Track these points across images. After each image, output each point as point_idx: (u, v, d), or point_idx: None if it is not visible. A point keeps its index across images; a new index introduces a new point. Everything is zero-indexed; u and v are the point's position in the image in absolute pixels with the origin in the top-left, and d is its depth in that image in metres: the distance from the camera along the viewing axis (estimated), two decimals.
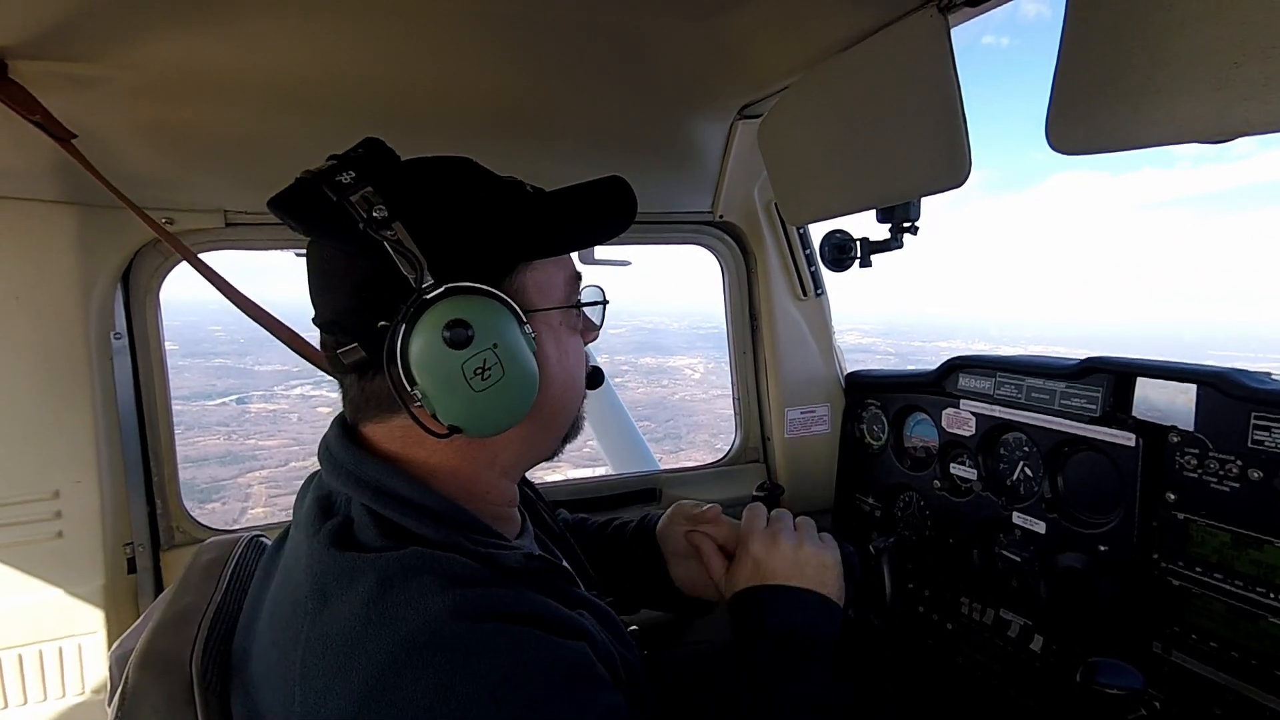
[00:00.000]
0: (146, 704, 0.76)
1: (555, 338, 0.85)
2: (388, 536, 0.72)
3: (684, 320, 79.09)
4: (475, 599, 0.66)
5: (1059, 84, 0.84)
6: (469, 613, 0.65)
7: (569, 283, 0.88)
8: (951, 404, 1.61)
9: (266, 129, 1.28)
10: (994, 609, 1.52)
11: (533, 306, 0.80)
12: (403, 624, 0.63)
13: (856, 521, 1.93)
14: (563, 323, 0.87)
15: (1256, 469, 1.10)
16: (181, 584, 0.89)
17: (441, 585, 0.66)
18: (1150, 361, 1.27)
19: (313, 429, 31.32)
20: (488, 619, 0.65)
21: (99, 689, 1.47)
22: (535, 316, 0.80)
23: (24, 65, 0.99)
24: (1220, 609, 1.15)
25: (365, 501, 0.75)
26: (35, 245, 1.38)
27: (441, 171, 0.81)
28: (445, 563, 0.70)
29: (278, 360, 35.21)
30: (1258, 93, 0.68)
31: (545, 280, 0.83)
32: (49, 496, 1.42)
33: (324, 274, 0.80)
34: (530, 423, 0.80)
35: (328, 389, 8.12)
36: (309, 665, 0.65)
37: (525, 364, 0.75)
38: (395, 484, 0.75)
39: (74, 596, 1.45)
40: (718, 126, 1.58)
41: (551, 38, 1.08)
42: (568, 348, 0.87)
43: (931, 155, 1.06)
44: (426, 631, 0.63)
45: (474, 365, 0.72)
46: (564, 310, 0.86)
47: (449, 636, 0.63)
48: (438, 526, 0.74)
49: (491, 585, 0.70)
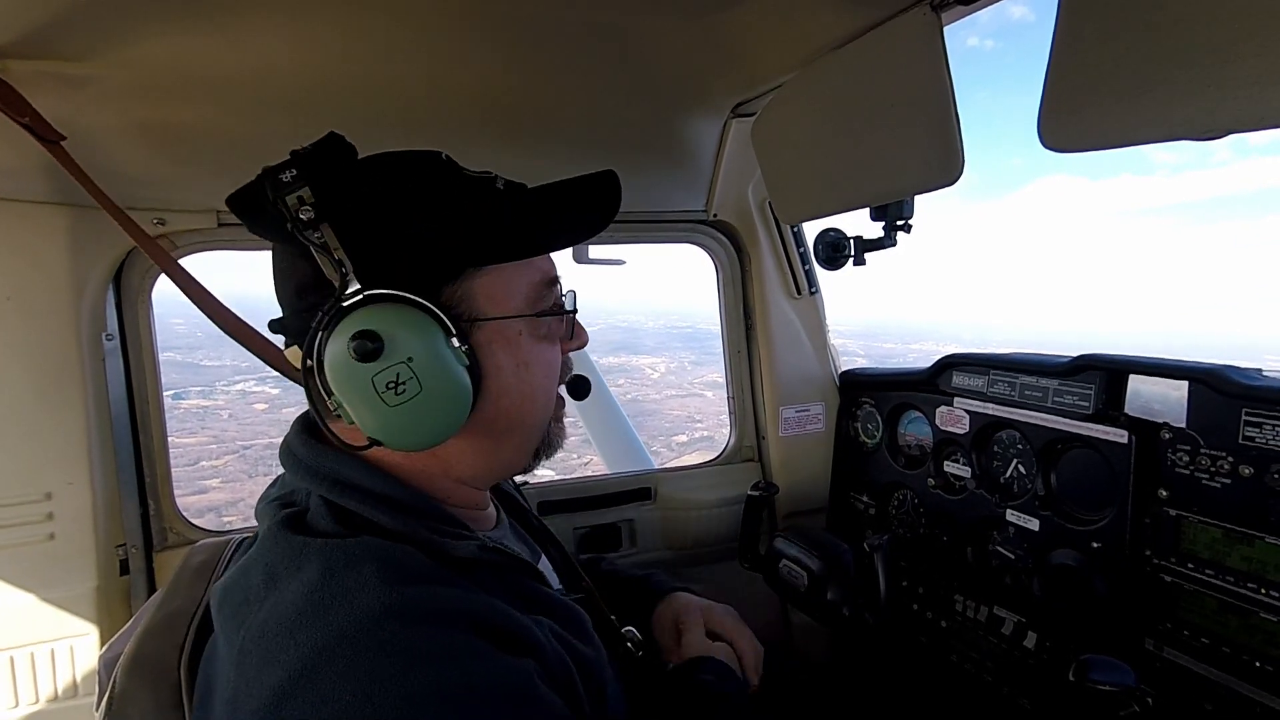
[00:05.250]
0: (135, 709, 0.75)
1: (511, 348, 0.80)
2: (340, 524, 0.71)
3: (660, 320, 79.26)
4: (415, 598, 0.63)
5: (1051, 81, 0.85)
6: (405, 613, 0.62)
7: (536, 289, 0.82)
8: (945, 402, 1.62)
9: (259, 128, 1.28)
10: (988, 606, 1.52)
11: (481, 315, 0.77)
12: (336, 615, 0.61)
13: (851, 520, 1.93)
14: (526, 331, 0.81)
15: (1248, 465, 1.11)
16: (171, 587, 0.89)
17: (383, 579, 0.63)
18: (1142, 358, 1.28)
19: (239, 426, 30.98)
20: (424, 621, 0.62)
21: (91, 692, 1.47)
22: (486, 326, 0.77)
23: (14, 65, 0.98)
24: (1212, 605, 1.16)
25: (322, 492, 0.74)
26: (27, 246, 1.37)
27: (390, 169, 0.77)
28: (393, 553, 0.68)
29: (228, 356, 35.01)
30: (1249, 90, 0.68)
31: (500, 287, 0.79)
32: (41, 498, 1.41)
33: (275, 273, 0.80)
34: (481, 437, 0.79)
35: (270, 386, 8.11)
36: (245, 651, 0.63)
37: (448, 380, 0.71)
38: (352, 474, 0.75)
39: (66, 598, 1.44)
40: (711, 125, 1.58)
41: (545, 36, 1.08)
42: (529, 358, 0.81)
43: (924, 153, 1.07)
44: (357, 626, 0.60)
45: (385, 379, 0.69)
46: (528, 319, 0.81)
47: (379, 636, 0.60)
48: (394, 514, 0.73)
49: (437, 583, 0.67)
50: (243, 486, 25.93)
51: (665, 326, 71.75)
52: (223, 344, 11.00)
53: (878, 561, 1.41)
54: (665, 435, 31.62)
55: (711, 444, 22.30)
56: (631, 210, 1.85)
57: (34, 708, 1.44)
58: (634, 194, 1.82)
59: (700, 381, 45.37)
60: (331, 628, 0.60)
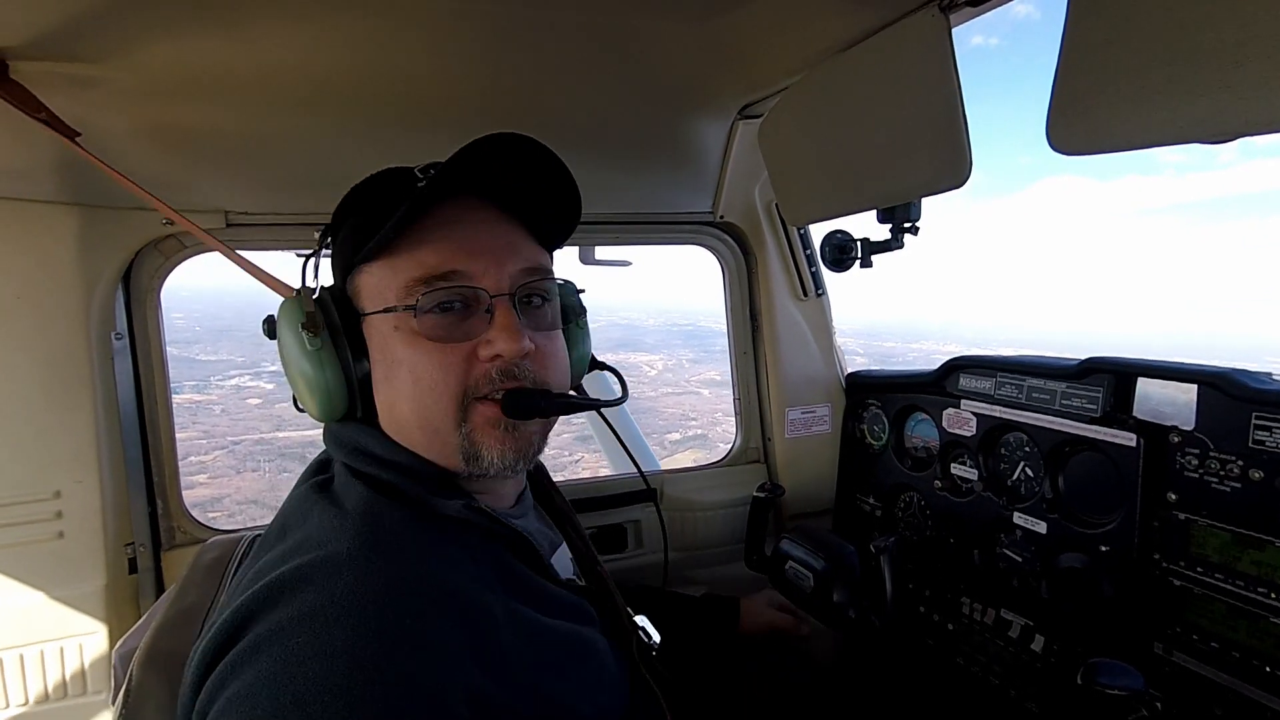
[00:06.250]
0: (151, 702, 0.77)
1: (383, 345, 0.81)
2: (357, 481, 0.79)
3: (662, 317, 79.08)
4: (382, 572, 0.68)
5: (1060, 83, 0.84)
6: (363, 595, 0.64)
7: (410, 284, 0.79)
8: (952, 404, 1.61)
9: (266, 129, 1.28)
10: (995, 609, 1.52)
11: (364, 310, 0.83)
12: (310, 567, 0.67)
13: (857, 522, 1.93)
14: (396, 328, 0.80)
15: (1257, 469, 1.10)
16: (184, 583, 0.90)
17: (361, 543, 0.70)
18: (1151, 362, 1.27)
19: (231, 421, 30.82)
20: (375, 602, 0.64)
21: (100, 689, 1.48)
22: (367, 320, 0.83)
23: (26, 66, 0.99)
24: (1221, 609, 1.15)
25: (343, 458, 0.82)
26: (37, 245, 1.38)
27: (359, 186, 0.88)
28: (380, 519, 0.74)
29: (225, 350, 35.42)
30: (1259, 92, 0.68)
31: (376, 282, 0.82)
32: (50, 497, 1.42)
33: None
34: (398, 426, 0.83)
35: (265, 380, 8.19)
36: (243, 582, 0.73)
37: (297, 366, 0.82)
38: (366, 442, 0.82)
39: (75, 596, 1.45)
40: (718, 127, 1.58)
41: (552, 38, 1.08)
42: (398, 356, 0.80)
43: (932, 155, 1.06)
44: (312, 605, 0.64)
45: (282, 359, 0.85)
46: (393, 313, 0.79)
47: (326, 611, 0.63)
48: (399, 475, 0.79)
49: (409, 556, 0.71)
50: (229, 483, 25.82)
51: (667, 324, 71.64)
52: (220, 338, 10.98)
53: (884, 563, 1.40)
54: (659, 433, 31.64)
55: (705, 441, 22.21)
56: (638, 212, 1.85)
57: (44, 704, 1.45)
58: (641, 195, 1.82)
59: (697, 379, 45.10)
60: (294, 569, 0.67)
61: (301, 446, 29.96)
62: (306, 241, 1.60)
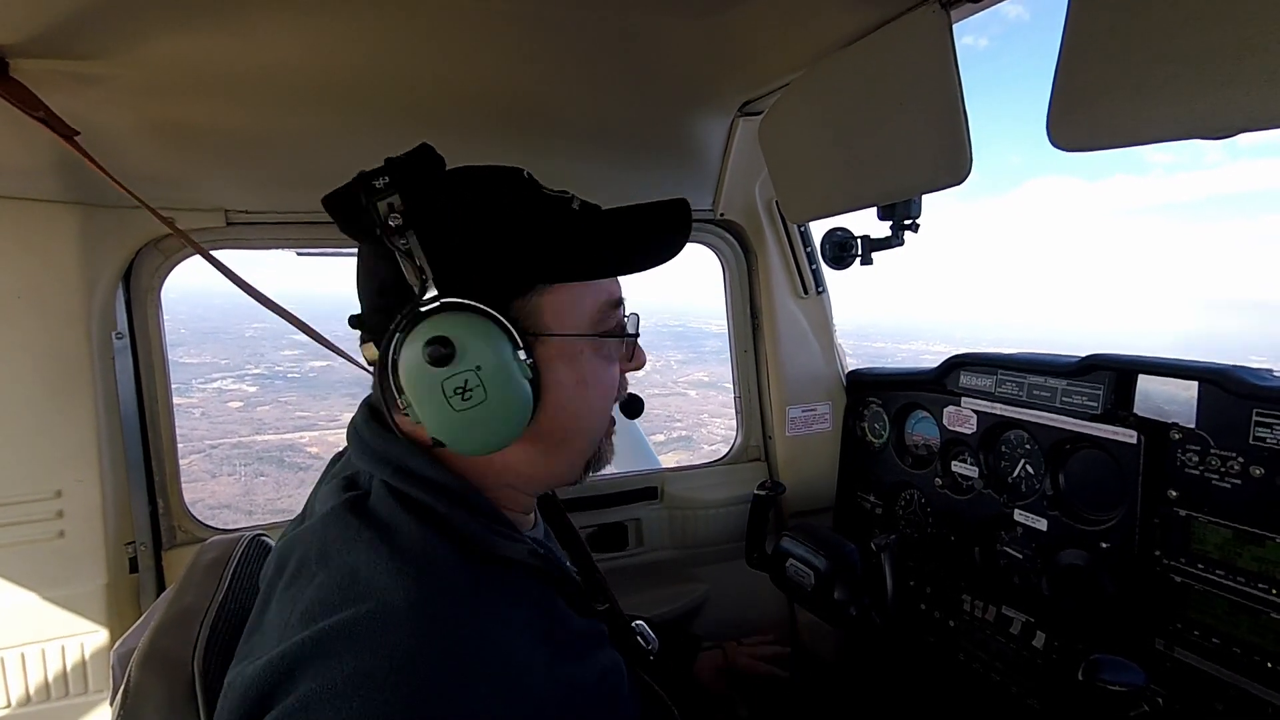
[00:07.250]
0: (149, 703, 0.76)
1: (573, 364, 0.81)
2: (400, 507, 0.74)
3: (652, 318, 79.26)
4: (435, 616, 0.65)
5: (1061, 80, 0.84)
6: (432, 633, 0.64)
7: (601, 309, 0.83)
8: (953, 402, 1.61)
9: (268, 128, 1.28)
10: (996, 606, 1.52)
11: (545, 330, 0.78)
12: (359, 609, 0.64)
13: (858, 519, 1.93)
14: (589, 349, 0.82)
15: (1258, 466, 1.10)
16: (183, 583, 0.90)
17: (415, 583, 0.66)
18: (1151, 359, 1.27)
19: (210, 424, 30.59)
20: (440, 648, 0.63)
21: (100, 688, 1.47)
22: (549, 341, 0.78)
23: (26, 64, 0.99)
24: (1222, 605, 1.15)
25: (384, 477, 0.77)
26: (38, 245, 1.38)
27: (474, 183, 0.80)
28: (433, 554, 0.70)
29: (209, 354, 35.22)
30: (1261, 88, 0.68)
31: (566, 304, 0.80)
32: (51, 496, 1.42)
33: (359, 272, 0.83)
34: (535, 446, 0.81)
35: (246, 383, 8.19)
36: (289, 624, 0.66)
37: (512, 390, 0.74)
38: (415, 464, 0.77)
39: (76, 596, 1.45)
40: (718, 124, 1.58)
41: (553, 35, 1.08)
42: (589, 376, 0.83)
43: (933, 152, 1.06)
44: (368, 629, 0.62)
45: (455, 384, 0.72)
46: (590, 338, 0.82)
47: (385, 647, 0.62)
48: (451, 505, 0.75)
49: (463, 601, 0.69)
50: (204, 488, 25.52)
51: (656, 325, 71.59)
52: (204, 340, 10.94)
53: (885, 561, 1.40)
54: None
55: (689, 444, 22.30)
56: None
57: (44, 703, 1.45)
58: (640, 193, 1.81)
59: (685, 381, 44.96)
60: (347, 621, 0.63)
61: (280, 450, 30.23)
62: (307, 240, 1.60)
